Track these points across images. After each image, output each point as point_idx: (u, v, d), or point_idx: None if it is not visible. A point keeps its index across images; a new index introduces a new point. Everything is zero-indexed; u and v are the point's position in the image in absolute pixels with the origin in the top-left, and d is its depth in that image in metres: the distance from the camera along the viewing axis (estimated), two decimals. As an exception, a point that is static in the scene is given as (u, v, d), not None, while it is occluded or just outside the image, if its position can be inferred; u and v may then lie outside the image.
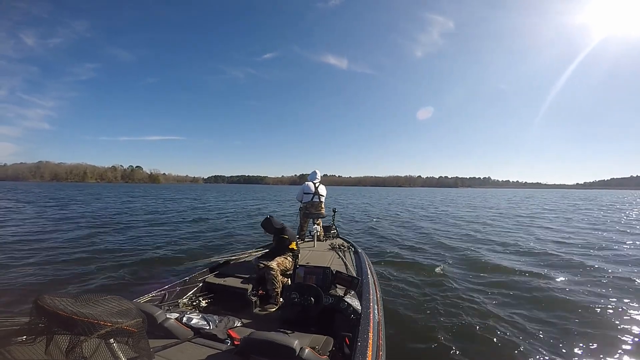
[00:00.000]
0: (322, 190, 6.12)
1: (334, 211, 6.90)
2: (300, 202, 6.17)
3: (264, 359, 1.80)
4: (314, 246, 5.40)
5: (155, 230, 11.32)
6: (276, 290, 3.31)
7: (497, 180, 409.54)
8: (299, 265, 3.46)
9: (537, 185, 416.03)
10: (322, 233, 5.96)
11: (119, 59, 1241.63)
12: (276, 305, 3.26)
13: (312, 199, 6.00)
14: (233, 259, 4.31)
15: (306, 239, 5.96)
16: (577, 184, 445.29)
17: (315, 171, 6.24)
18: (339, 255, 4.76)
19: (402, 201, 34.56)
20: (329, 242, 5.71)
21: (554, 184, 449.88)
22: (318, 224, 5.85)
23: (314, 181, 6.14)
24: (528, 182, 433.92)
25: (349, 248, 5.20)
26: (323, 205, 6.10)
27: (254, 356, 1.84)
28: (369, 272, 3.77)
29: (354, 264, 4.33)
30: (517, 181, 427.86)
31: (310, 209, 5.98)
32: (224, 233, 11.23)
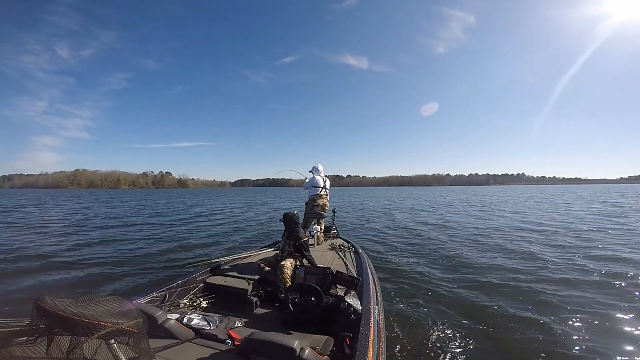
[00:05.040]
0: (328, 184, 6.32)
1: (334, 211, 7.00)
2: (308, 190, 6.26)
3: (264, 359, 1.83)
4: (315, 246, 5.43)
5: (155, 232, 11.57)
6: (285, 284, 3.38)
7: (532, 177, 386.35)
8: (299, 265, 3.50)
9: (576, 181, 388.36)
10: (322, 233, 6.01)
11: (148, 67, 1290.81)
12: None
13: (319, 192, 6.12)
14: (234, 260, 4.36)
15: None
16: (621, 178, 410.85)
17: (315, 166, 6.33)
18: (339, 255, 4.77)
19: (404, 203, 31.41)
20: (329, 242, 5.74)
21: (594, 179, 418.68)
22: (319, 224, 5.92)
23: (321, 174, 6.29)
24: (565, 177, 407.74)
25: (349, 248, 5.20)
26: (327, 199, 6.22)
27: (255, 356, 1.87)
28: (369, 272, 3.76)
29: (354, 264, 4.33)
30: (554, 177, 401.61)
31: (318, 201, 6.06)
32: (224, 234, 11.45)
